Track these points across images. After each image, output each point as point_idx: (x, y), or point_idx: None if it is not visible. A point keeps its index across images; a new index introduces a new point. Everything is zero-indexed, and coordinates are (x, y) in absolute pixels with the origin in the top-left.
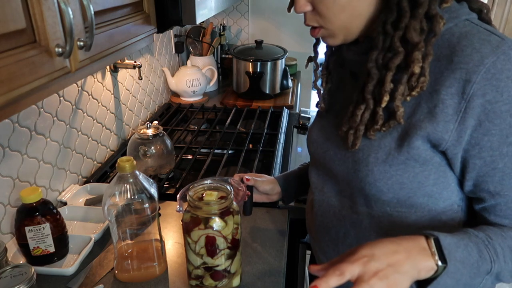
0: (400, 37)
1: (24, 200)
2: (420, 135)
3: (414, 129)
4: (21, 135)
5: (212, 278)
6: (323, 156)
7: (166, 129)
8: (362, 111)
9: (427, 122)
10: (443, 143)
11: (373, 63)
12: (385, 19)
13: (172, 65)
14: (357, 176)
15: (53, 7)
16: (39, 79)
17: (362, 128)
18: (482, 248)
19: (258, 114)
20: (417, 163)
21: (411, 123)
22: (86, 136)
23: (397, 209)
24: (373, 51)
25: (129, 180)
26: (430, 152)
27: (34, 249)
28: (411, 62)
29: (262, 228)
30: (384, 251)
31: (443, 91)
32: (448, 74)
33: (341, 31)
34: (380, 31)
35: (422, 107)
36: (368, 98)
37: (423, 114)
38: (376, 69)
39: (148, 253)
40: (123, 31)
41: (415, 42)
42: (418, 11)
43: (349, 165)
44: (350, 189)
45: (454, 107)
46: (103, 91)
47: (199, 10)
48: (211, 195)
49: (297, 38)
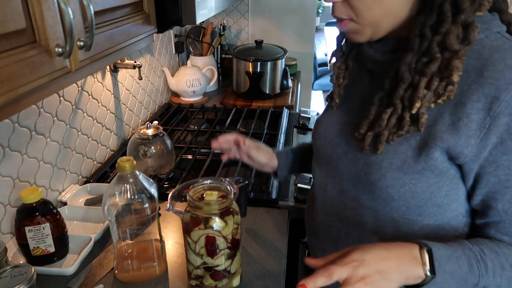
0: (438, 42)
1: (24, 200)
2: (440, 147)
3: (434, 140)
4: (21, 135)
5: (212, 278)
6: (331, 153)
7: (166, 129)
8: (388, 115)
9: (448, 134)
10: (461, 157)
11: (407, 66)
12: (424, 21)
13: (172, 65)
14: (367, 179)
15: (53, 7)
16: (39, 79)
17: (387, 132)
18: (473, 263)
19: (258, 114)
20: (432, 173)
21: (430, 133)
22: (86, 136)
23: (405, 216)
24: (408, 54)
25: (129, 180)
26: (447, 164)
27: (34, 249)
28: (450, 70)
29: (262, 228)
30: (375, 257)
31: (469, 104)
32: (476, 87)
33: (370, 27)
34: (417, 33)
35: (445, 118)
36: (397, 103)
37: (445, 126)
38: (409, 73)
39: (148, 253)
40: (123, 31)
41: (455, 49)
42: (460, 17)
43: (360, 167)
44: (356, 191)
45: (479, 122)
46: (103, 91)
47: (199, 10)
48: (211, 195)
49: (297, 38)
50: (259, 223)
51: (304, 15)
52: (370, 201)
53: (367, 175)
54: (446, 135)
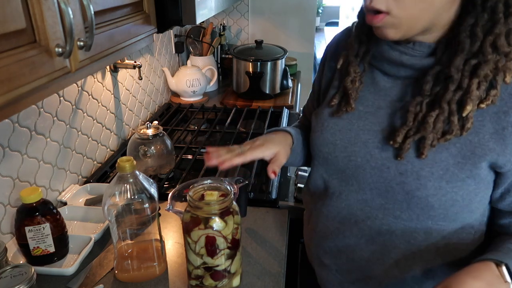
0: (491, 43)
1: (24, 200)
2: (490, 156)
3: (481, 150)
4: (21, 135)
5: (212, 278)
6: (345, 161)
7: (166, 129)
8: (433, 119)
9: (494, 143)
10: (508, 165)
11: (456, 68)
12: (474, 21)
13: (172, 65)
14: (402, 189)
15: (53, 7)
16: (39, 79)
17: (432, 137)
18: None
19: (258, 114)
20: (474, 181)
21: (472, 141)
22: (86, 136)
23: (439, 223)
24: (457, 56)
25: (129, 180)
26: (487, 172)
27: (34, 249)
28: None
29: (262, 228)
30: None
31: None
32: None
33: (407, 23)
34: (467, 34)
35: (487, 127)
36: (445, 106)
37: (488, 134)
38: (457, 75)
39: (148, 253)
40: (123, 31)
41: (506, 51)
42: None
43: (390, 176)
44: (383, 200)
45: None
46: (103, 91)
47: (199, 10)
48: (211, 195)
49: (297, 38)
50: (259, 223)
51: (304, 15)
52: (401, 211)
53: (401, 184)
54: (491, 144)
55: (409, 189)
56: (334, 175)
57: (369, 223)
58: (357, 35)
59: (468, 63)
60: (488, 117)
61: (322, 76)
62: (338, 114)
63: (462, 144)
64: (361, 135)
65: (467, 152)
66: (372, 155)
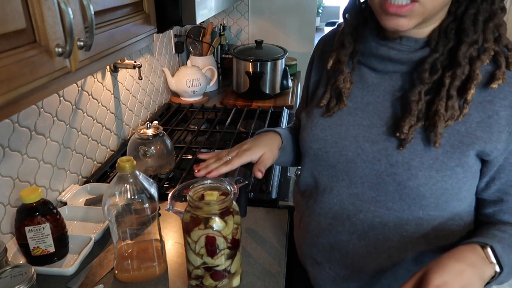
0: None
1: (24, 200)
2: (478, 144)
3: (469, 138)
4: (21, 135)
5: (212, 278)
6: (337, 156)
7: (166, 129)
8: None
9: (481, 131)
10: (494, 152)
11: (463, 54)
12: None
13: (172, 65)
14: (393, 180)
15: (53, 7)
16: (39, 79)
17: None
18: None
19: (258, 114)
20: (462, 169)
21: (460, 131)
22: (86, 136)
23: (430, 213)
24: (463, 44)
25: (129, 180)
26: (474, 160)
27: (34, 249)
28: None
29: (262, 228)
30: (454, 274)
31: (498, 102)
32: (502, 86)
33: (428, 14)
34: (470, 23)
35: (473, 116)
36: (450, 92)
37: (474, 123)
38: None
39: (148, 253)
40: (123, 31)
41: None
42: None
43: (381, 168)
44: (374, 192)
45: (507, 118)
46: (103, 91)
47: (199, 10)
48: (211, 195)
49: (297, 38)
50: (259, 223)
51: (304, 15)
52: (393, 202)
53: (392, 175)
54: (478, 132)
55: (400, 180)
56: (324, 172)
57: (361, 217)
58: (351, 34)
59: (469, 50)
60: (474, 107)
61: (310, 77)
62: (328, 114)
63: (450, 134)
64: (351, 130)
65: (455, 141)
66: (363, 149)
